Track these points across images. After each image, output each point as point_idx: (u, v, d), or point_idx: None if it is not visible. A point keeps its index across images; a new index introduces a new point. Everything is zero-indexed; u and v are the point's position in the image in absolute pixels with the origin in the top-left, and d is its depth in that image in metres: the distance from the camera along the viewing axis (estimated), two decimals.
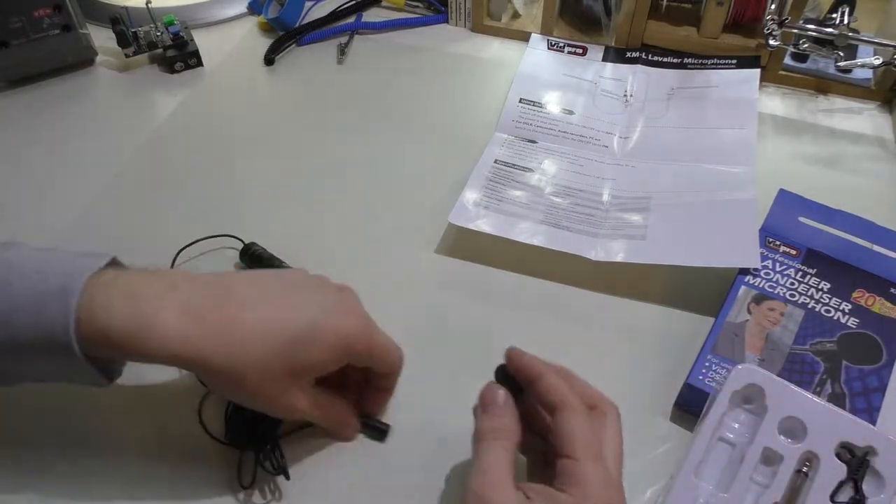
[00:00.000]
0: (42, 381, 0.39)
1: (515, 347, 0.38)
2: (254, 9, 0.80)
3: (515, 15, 0.78)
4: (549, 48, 0.72)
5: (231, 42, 0.77)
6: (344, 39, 0.76)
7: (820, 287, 0.50)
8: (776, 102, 0.69)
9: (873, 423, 0.43)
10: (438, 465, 0.43)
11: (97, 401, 0.45)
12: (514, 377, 0.38)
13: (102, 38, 0.73)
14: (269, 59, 0.73)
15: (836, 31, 0.64)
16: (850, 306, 0.48)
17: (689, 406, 0.45)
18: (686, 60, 0.69)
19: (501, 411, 0.37)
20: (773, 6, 0.65)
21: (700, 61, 0.69)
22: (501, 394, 0.37)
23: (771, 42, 0.65)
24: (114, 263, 0.38)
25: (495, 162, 0.61)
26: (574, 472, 0.33)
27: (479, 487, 0.33)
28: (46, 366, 0.37)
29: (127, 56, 0.72)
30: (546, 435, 0.37)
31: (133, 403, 0.46)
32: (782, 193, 0.53)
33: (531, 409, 0.38)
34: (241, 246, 0.54)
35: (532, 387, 0.37)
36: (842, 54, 0.66)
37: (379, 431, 0.44)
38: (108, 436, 0.44)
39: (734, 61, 0.68)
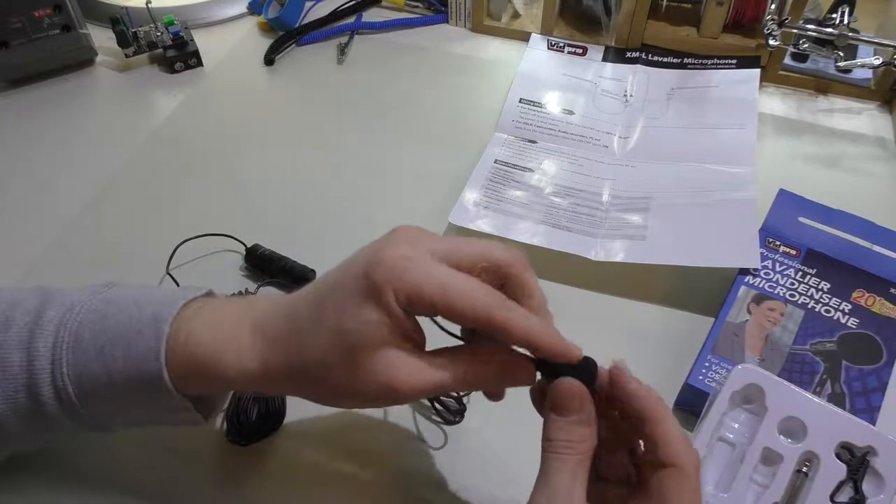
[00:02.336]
0: (138, 425, 0.39)
1: (621, 364, 0.33)
2: (254, 9, 0.80)
3: (515, 15, 0.78)
4: (549, 48, 0.72)
5: (231, 42, 0.77)
6: (344, 39, 0.76)
7: (820, 287, 0.50)
8: (776, 102, 0.69)
9: (873, 423, 0.43)
10: (445, 470, 0.43)
11: None
12: (594, 375, 0.33)
13: (102, 38, 0.73)
14: (269, 59, 0.73)
15: (836, 31, 0.64)
16: (849, 306, 0.48)
17: (689, 406, 0.45)
18: (686, 60, 0.69)
19: (580, 418, 0.32)
20: (773, 6, 0.64)
21: (700, 61, 0.69)
22: (583, 394, 0.32)
23: (771, 42, 0.64)
24: (209, 294, 0.38)
25: (495, 162, 0.61)
26: None
27: None
28: (140, 402, 0.36)
29: (127, 56, 0.72)
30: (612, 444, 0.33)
31: None
32: (782, 193, 0.53)
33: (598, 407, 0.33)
34: (240, 247, 0.54)
35: (641, 425, 0.32)
36: (842, 54, 0.66)
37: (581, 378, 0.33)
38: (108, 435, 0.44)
39: (734, 61, 0.68)
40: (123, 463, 0.43)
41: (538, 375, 0.35)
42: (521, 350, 0.34)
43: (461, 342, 0.36)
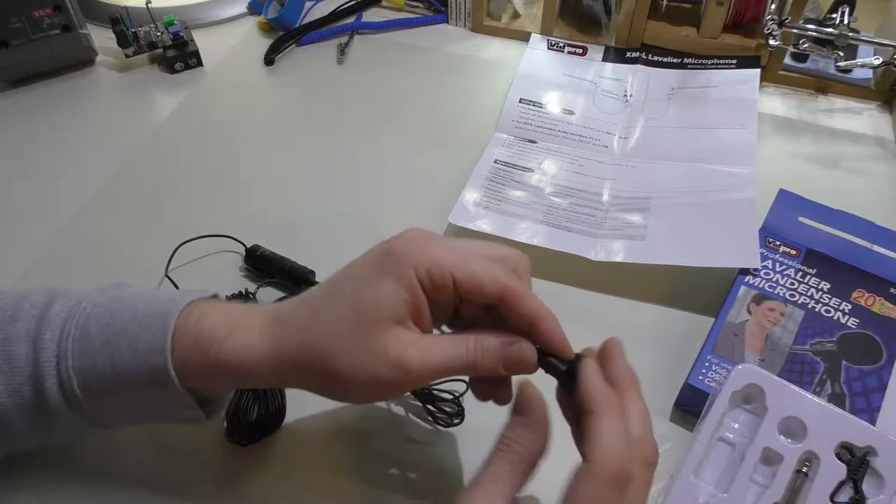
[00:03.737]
0: (141, 422, 0.39)
1: (590, 361, 0.34)
2: (254, 9, 0.80)
3: (515, 15, 0.78)
4: (549, 48, 0.72)
5: (231, 42, 0.77)
6: (344, 39, 0.76)
7: (820, 287, 0.50)
8: (776, 102, 0.69)
9: (873, 423, 0.43)
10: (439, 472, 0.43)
11: None
12: (562, 365, 0.34)
13: (102, 38, 0.73)
14: (269, 59, 0.73)
15: (836, 31, 0.64)
16: (849, 306, 0.48)
17: (689, 406, 0.45)
18: (686, 60, 0.69)
19: (524, 420, 0.33)
20: (773, 6, 0.65)
21: (700, 61, 0.69)
22: (532, 399, 0.33)
23: (771, 42, 0.64)
24: (215, 297, 0.39)
25: (495, 162, 0.61)
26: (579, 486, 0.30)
27: (463, 499, 0.31)
28: (144, 398, 0.36)
29: (127, 56, 0.72)
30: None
31: None
32: (782, 193, 0.53)
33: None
34: (240, 247, 0.54)
35: (583, 419, 0.32)
36: (842, 54, 0.66)
37: (562, 372, 0.34)
38: (108, 434, 0.44)
39: (734, 61, 0.68)
40: (124, 463, 0.43)
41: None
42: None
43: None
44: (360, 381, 0.33)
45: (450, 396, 0.44)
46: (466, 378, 0.44)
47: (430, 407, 0.44)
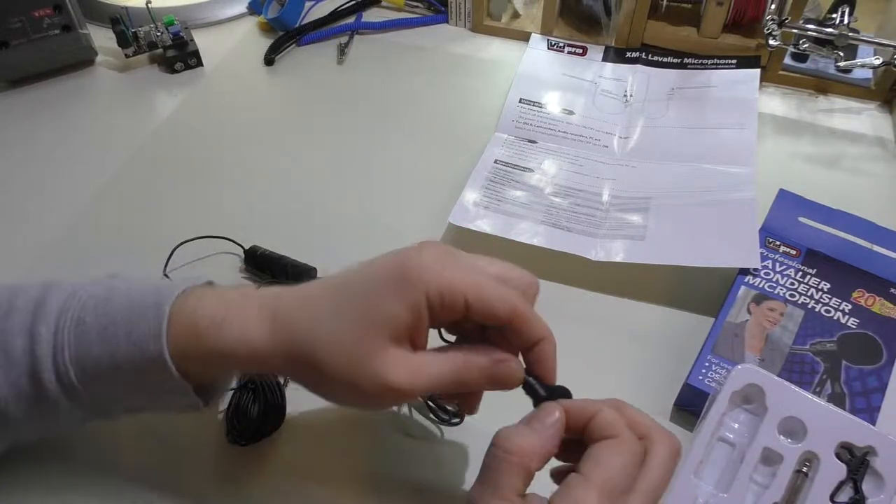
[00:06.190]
0: (139, 411, 0.39)
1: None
2: (254, 9, 0.80)
3: (515, 15, 0.78)
4: (549, 48, 0.72)
5: (231, 42, 0.77)
6: (344, 39, 0.76)
7: (820, 287, 0.50)
8: (776, 102, 0.69)
9: (873, 423, 0.43)
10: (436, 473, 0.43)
11: None
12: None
13: (102, 38, 0.73)
14: (269, 59, 0.73)
15: (836, 31, 0.64)
16: (849, 306, 0.48)
17: (689, 406, 0.45)
18: (686, 60, 0.69)
19: (549, 439, 0.33)
20: (773, 6, 0.64)
21: (700, 61, 0.69)
22: (554, 418, 0.33)
23: (771, 42, 0.64)
24: (209, 284, 0.39)
25: (495, 162, 0.61)
26: (571, 492, 0.31)
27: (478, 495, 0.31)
28: (141, 386, 0.36)
29: (127, 56, 0.72)
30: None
31: None
32: (782, 193, 0.53)
33: None
34: (239, 249, 0.54)
35: (588, 424, 0.33)
36: (842, 54, 0.66)
37: (543, 397, 0.35)
38: (108, 434, 0.44)
39: (734, 61, 0.68)
40: (124, 463, 0.43)
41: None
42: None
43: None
44: (345, 391, 0.34)
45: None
46: None
47: (431, 404, 0.44)
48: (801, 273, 0.50)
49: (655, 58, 0.70)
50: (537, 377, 0.35)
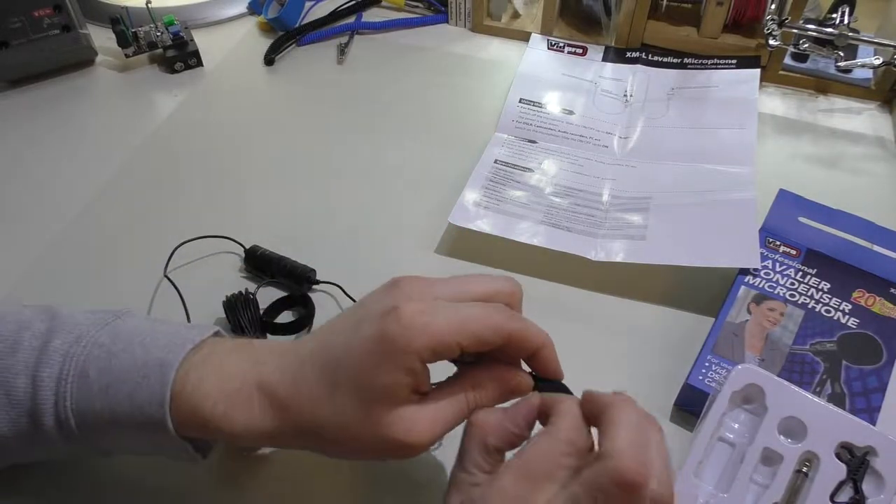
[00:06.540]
0: (135, 454, 0.39)
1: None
2: (254, 9, 0.80)
3: (515, 15, 0.78)
4: (549, 48, 0.72)
5: (231, 42, 0.77)
6: (344, 39, 0.76)
7: (820, 287, 0.50)
8: (776, 102, 0.69)
9: (873, 423, 0.43)
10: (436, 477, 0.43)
11: None
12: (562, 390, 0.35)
13: (102, 38, 0.73)
14: (269, 59, 0.73)
15: (836, 31, 0.64)
16: (850, 306, 0.48)
17: (689, 406, 0.45)
18: (686, 60, 0.69)
19: (510, 417, 0.34)
20: (773, 6, 0.65)
21: (700, 61, 0.69)
22: (527, 402, 0.34)
23: (771, 42, 0.65)
24: (217, 335, 0.38)
25: (495, 162, 0.61)
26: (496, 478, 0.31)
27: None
28: (141, 440, 0.36)
29: (127, 56, 0.72)
30: None
31: None
32: (782, 193, 0.53)
33: None
34: (239, 248, 0.54)
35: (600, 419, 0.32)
36: (842, 54, 0.66)
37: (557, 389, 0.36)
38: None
39: (734, 61, 0.68)
40: (124, 463, 0.43)
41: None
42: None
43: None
44: (364, 456, 0.36)
45: None
46: None
47: None
48: (801, 273, 0.50)
49: (655, 58, 0.70)
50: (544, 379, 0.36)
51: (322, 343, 0.35)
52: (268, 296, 0.51)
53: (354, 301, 0.50)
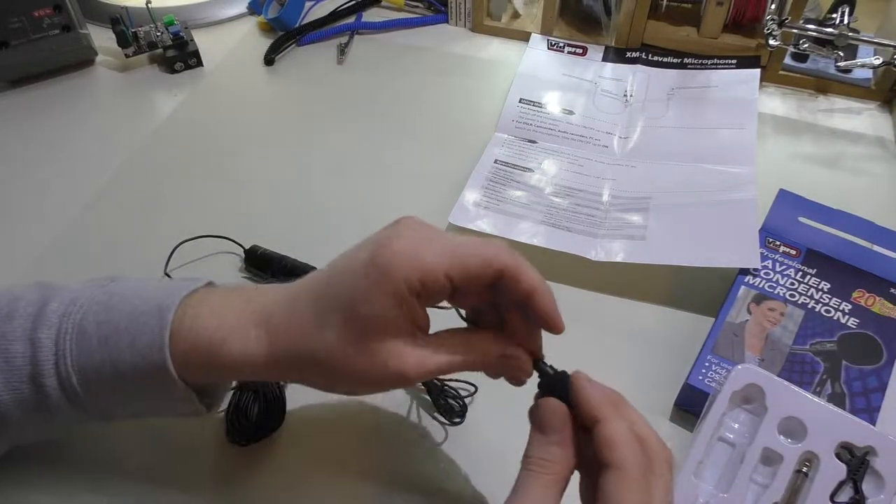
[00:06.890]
0: (140, 416, 0.39)
1: (581, 374, 0.34)
2: (254, 9, 0.80)
3: (515, 15, 0.78)
4: (549, 48, 0.72)
5: (231, 42, 0.77)
6: (344, 39, 0.76)
7: (820, 287, 0.50)
8: (776, 102, 0.69)
9: (873, 423, 0.43)
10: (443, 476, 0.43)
11: None
12: (568, 391, 0.34)
13: (102, 38, 0.73)
14: (269, 59, 0.73)
15: (836, 31, 0.64)
16: (849, 306, 0.48)
17: (689, 406, 0.45)
18: (686, 60, 0.69)
19: (555, 438, 0.32)
20: (773, 6, 0.65)
21: (700, 61, 0.69)
22: (559, 415, 0.33)
23: (771, 42, 0.65)
24: (210, 285, 0.39)
25: (495, 162, 0.61)
26: None
27: None
28: (144, 391, 0.36)
29: (127, 56, 0.72)
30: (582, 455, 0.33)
31: None
32: (782, 193, 0.53)
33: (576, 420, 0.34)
34: (239, 248, 0.54)
35: (593, 429, 0.32)
36: (842, 54, 0.66)
37: (550, 377, 0.35)
38: (108, 434, 0.44)
39: (734, 61, 0.68)
40: (124, 463, 0.43)
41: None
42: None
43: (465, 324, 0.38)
44: (357, 387, 0.36)
45: (457, 394, 0.44)
46: (476, 383, 0.44)
47: (439, 400, 0.44)
48: (801, 273, 0.50)
49: (655, 58, 0.70)
50: (544, 365, 0.36)
51: (317, 276, 0.36)
52: None
53: None
